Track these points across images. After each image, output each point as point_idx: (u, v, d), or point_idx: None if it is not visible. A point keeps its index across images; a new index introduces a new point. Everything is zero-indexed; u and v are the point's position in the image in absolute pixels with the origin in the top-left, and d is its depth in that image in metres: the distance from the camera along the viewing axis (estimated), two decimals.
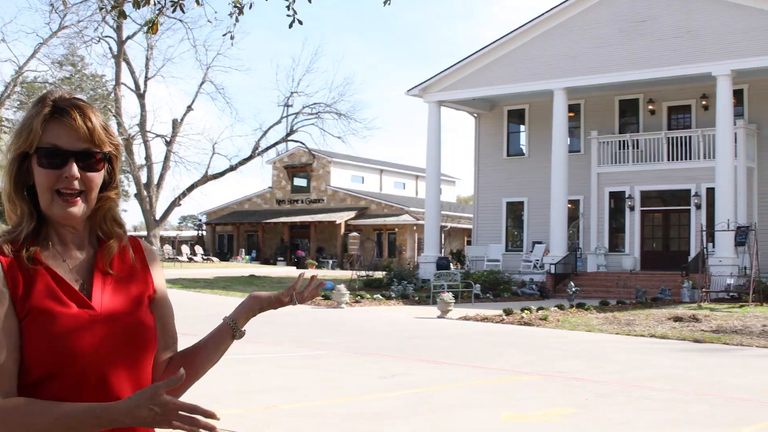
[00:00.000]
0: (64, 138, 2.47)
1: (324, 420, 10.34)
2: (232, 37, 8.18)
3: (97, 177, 2.51)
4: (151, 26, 7.79)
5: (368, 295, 31.74)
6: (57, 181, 2.46)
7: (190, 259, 64.14)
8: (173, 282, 41.24)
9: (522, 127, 45.01)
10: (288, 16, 7.70)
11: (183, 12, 7.94)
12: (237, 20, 7.76)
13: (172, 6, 8.28)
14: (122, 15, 8.53)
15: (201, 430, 2.31)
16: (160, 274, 2.75)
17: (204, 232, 79.51)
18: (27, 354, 2.41)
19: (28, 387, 2.41)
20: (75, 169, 2.46)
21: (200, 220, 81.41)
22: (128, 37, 64.21)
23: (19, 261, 2.46)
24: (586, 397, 12.47)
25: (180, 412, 2.29)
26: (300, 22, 7.82)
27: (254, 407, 10.79)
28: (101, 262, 2.58)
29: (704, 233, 33.94)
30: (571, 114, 40.91)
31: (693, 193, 37.50)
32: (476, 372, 15.03)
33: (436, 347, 18.57)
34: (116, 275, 2.59)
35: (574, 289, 29.33)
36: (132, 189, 70.36)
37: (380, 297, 31.61)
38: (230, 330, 2.79)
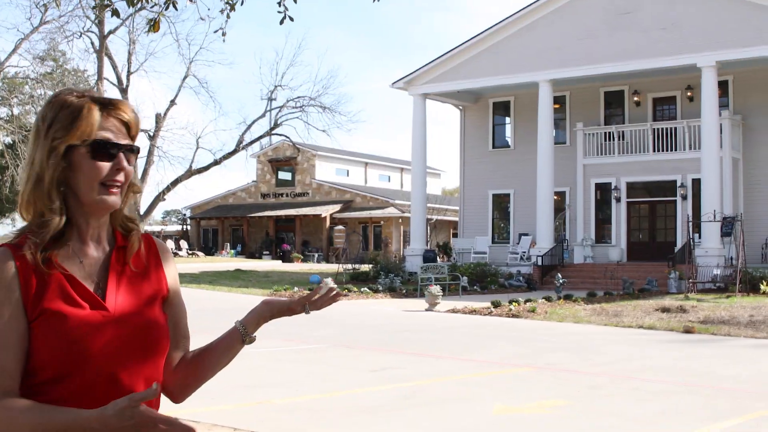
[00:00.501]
0: (114, 132, 2.53)
1: (319, 414, 10.35)
2: (224, 34, 8.14)
3: (132, 171, 2.58)
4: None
5: (356, 289, 31.75)
6: (108, 174, 2.50)
7: (175, 254, 64.05)
8: None
9: (507, 119, 45.08)
10: (279, 12, 7.68)
11: (176, 9, 7.91)
12: (228, 17, 7.72)
13: (165, 3, 8.22)
14: (115, 14, 8.45)
15: None
16: (174, 272, 2.76)
17: (188, 227, 79.39)
18: (39, 355, 2.43)
19: (39, 386, 2.43)
20: (125, 161, 2.53)
21: (184, 215, 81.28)
22: (110, 32, 63.97)
23: (35, 262, 2.47)
24: (577, 389, 12.51)
25: (159, 425, 2.29)
26: (291, 19, 7.80)
27: (249, 402, 10.79)
28: (117, 261, 2.59)
29: (690, 224, 34.08)
30: (557, 106, 40.98)
31: (679, 184, 37.63)
32: (467, 365, 15.06)
33: (425, 340, 18.60)
34: (131, 274, 2.60)
35: (561, 281, 29.42)
36: None
37: (368, 290, 31.62)
38: (240, 335, 2.78)
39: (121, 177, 2.51)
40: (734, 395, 12.22)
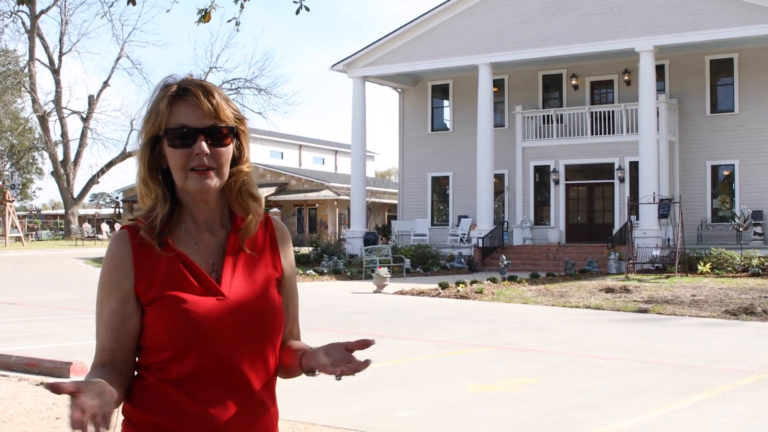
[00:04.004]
0: (191, 117, 2.51)
1: (294, 395, 10.39)
2: (237, 23, 8.01)
3: (226, 152, 2.55)
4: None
5: (300, 271, 31.77)
6: (189, 160, 2.51)
7: (110, 237, 63.33)
8: (99, 261, 40.74)
9: (446, 102, 45.29)
10: (294, 2, 7.61)
11: None
12: (242, 6, 7.62)
13: None
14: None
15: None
16: (290, 255, 2.76)
17: (121, 210, 78.50)
18: (156, 336, 2.50)
19: (161, 364, 2.52)
20: (204, 145, 2.50)
21: (117, 198, 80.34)
22: (42, 12, 63.03)
23: (151, 246, 2.53)
24: (542, 367, 12.75)
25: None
26: (307, 9, 7.72)
27: None
28: (232, 244, 2.62)
29: (630, 206, 34.69)
30: (495, 89, 41.21)
31: (616, 166, 38.18)
32: (427, 345, 15.24)
33: (380, 321, 18.74)
34: (247, 257, 2.63)
35: (506, 262, 29.75)
36: (48, 167, 69.27)
37: (313, 273, 31.69)
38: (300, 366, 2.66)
39: (206, 162, 2.51)
40: (692, 372, 12.55)
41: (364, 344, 2.50)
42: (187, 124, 2.51)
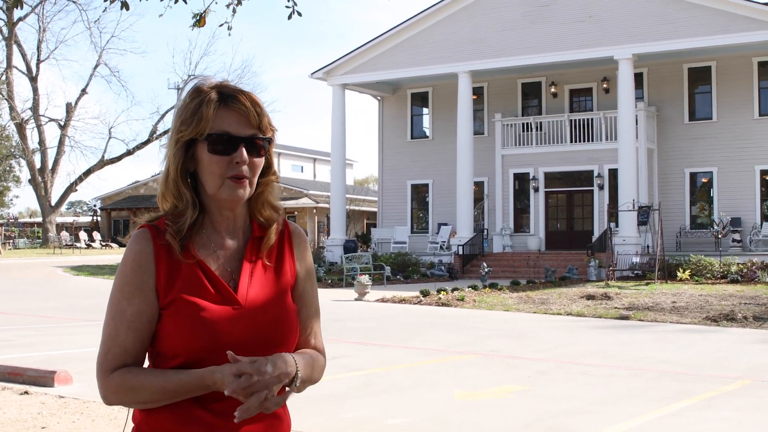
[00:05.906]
0: (234, 125, 2.52)
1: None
2: (229, 28, 8.03)
3: (260, 162, 2.56)
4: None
5: None
6: (228, 168, 2.50)
7: (89, 246, 63.07)
8: (78, 269, 40.55)
9: (425, 110, 45.36)
10: (287, 7, 7.65)
11: None
12: (234, 11, 7.64)
13: None
14: (125, 6, 8.07)
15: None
16: (306, 259, 2.75)
17: (99, 218, 78.21)
18: (170, 341, 2.49)
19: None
20: (245, 154, 2.51)
21: (94, 206, 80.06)
22: (20, 19, 62.81)
23: (172, 251, 2.52)
24: (527, 374, 12.79)
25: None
26: (299, 14, 7.75)
27: None
28: (251, 252, 2.62)
29: (610, 213, 34.85)
30: (475, 97, 41.29)
31: (596, 174, 38.34)
32: (413, 353, 15.25)
33: (364, 329, 18.75)
34: (264, 266, 2.62)
35: (487, 270, 29.78)
36: (25, 174, 68.93)
37: None
38: None
39: (243, 170, 2.51)
40: (677, 378, 12.61)
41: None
42: (230, 131, 2.51)
